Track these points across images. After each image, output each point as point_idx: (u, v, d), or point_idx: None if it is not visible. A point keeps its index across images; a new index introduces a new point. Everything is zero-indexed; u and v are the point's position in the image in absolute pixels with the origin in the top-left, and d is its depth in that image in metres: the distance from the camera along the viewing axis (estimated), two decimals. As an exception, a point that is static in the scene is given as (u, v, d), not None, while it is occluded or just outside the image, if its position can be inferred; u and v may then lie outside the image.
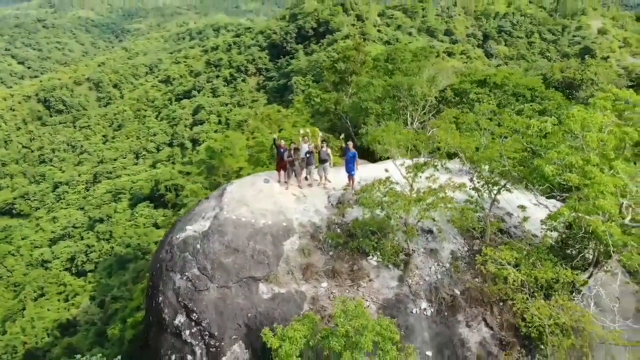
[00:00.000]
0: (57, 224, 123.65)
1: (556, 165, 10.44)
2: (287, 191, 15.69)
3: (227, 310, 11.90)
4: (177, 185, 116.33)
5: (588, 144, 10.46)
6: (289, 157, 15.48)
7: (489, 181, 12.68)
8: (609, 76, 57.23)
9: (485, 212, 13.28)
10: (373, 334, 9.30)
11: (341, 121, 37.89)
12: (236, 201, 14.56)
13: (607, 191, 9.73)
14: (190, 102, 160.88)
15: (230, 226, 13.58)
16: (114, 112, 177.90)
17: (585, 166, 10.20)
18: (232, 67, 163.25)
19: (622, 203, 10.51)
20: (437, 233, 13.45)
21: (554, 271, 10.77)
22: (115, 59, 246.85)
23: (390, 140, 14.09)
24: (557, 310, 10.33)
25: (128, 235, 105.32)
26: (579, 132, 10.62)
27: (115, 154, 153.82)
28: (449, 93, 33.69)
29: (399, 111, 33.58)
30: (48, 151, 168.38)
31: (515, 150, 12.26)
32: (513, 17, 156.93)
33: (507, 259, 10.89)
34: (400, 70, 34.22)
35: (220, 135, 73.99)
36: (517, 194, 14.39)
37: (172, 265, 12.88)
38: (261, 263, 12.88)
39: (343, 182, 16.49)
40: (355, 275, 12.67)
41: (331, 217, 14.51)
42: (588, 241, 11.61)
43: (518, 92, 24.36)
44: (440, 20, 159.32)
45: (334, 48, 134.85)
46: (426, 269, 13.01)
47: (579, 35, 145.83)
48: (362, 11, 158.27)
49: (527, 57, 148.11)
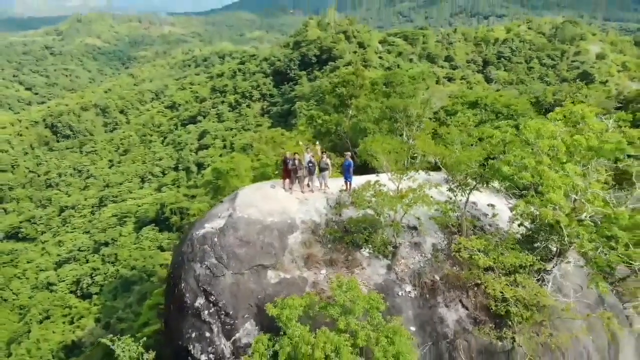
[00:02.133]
0: (62, 248, 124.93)
1: (513, 166, 12.59)
2: (291, 195, 17.96)
3: (240, 293, 13.94)
4: (182, 209, 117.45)
5: (541, 149, 12.63)
6: (293, 165, 17.76)
7: (461, 182, 14.83)
8: (599, 99, 59.66)
9: (462, 211, 15.36)
10: (364, 303, 11.29)
11: (342, 141, 40.20)
12: (247, 203, 16.76)
13: (556, 186, 11.84)
14: (195, 127, 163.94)
15: (243, 223, 15.74)
16: (120, 137, 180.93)
17: (537, 166, 12.34)
18: (237, 93, 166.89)
19: (574, 199, 12.56)
20: (420, 229, 15.58)
21: (517, 257, 12.78)
22: (122, 85, 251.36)
23: (378, 148, 16.37)
24: (517, 288, 12.26)
25: (133, 258, 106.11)
26: (533, 139, 12.80)
27: (121, 178, 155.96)
28: (442, 114, 36.07)
29: (396, 131, 35.87)
30: (54, 175, 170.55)
31: (480, 156, 14.47)
32: (512, 43, 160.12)
33: (477, 246, 12.93)
34: (396, 93, 36.72)
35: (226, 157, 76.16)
36: (491, 197, 16.44)
37: (193, 256, 14.99)
38: (269, 253, 15.01)
39: (341, 187, 18.69)
40: (350, 264, 14.76)
41: (329, 216, 16.69)
42: (549, 234, 13.59)
43: (497, 109, 26.64)
44: (440, 47, 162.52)
45: (336, 74, 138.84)
46: (410, 259, 15.07)
47: (578, 60, 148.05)
48: (363, 39, 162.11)
49: (527, 82, 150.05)
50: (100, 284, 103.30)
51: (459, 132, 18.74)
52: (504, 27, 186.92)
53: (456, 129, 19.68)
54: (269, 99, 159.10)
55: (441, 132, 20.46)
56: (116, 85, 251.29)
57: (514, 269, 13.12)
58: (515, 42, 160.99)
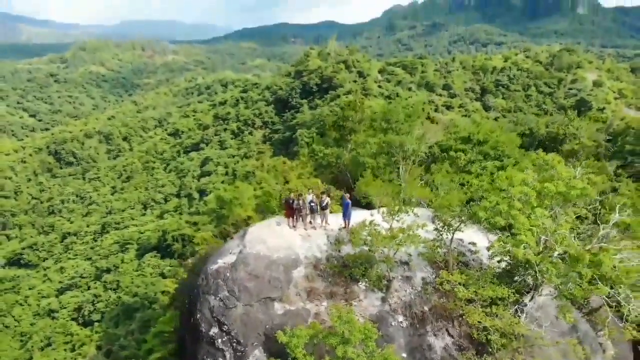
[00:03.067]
0: (64, 274, 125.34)
1: (488, 211, 14.43)
2: (295, 232, 19.79)
3: (250, 323, 15.58)
4: (184, 236, 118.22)
5: (513, 195, 14.47)
6: (296, 205, 19.68)
7: (445, 223, 16.66)
8: (590, 130, 61.98)
9: (448, 248, 17.13)
10: (360, 334, 12.93)
11: (342, 173, 42.08)
12: (256, 240, 18.56)
13: (526, 229, 13.63)
14: (198, 154, 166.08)
15: (252, 259, 17.51)
16: (123, 164, 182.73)
17: (510, 211, 14.16)
18: (240, 120, 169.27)
19: (544, 239, 14.34)
20: (411, 264, 17.32)
21: (494, 290, 14.48)
22: (125, 113, 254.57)
23: (372, 191, 18.29)
24: (495, 318, 13.89)
25: (135, 285, 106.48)
26: (506, 187, 14.67)
27: (123, 205, 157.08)
28: (436, 149, 38.14)
29: (393, 165, 37.78)
30: (57, 202, 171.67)
31: (461, 201, 16.35)
32: (510, 72, 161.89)
33: (458, 280, 14.66)
34: (393, 129, 38.79)
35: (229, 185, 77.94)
36: (477, 232, 18.23)
37: (208, 289, 16.71)
38: (276, 287, 16.73)
39: (340, 225, 20.55)
40: (348, 296, 16.44)
41: (330, 252, 18.48)
42: (525, 270, 15.29)
43: (484, 151, 28.71)
44: (439, 75, 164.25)
45: (336, 103, 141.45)
46: (402, 292, 16.75)
47: (575, 88, 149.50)
48: (363, 68, 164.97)
49: (525, 110, 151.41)
50: (101, 311, 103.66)
51: (442, 177, 20.73)
52: (502, 56, 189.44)
53: (441, 174, 21.66)
54: (271, 127, 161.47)
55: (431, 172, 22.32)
56: (119, 113, 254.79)
57: (493, 301, 14.78)
58: (512, 70, 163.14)
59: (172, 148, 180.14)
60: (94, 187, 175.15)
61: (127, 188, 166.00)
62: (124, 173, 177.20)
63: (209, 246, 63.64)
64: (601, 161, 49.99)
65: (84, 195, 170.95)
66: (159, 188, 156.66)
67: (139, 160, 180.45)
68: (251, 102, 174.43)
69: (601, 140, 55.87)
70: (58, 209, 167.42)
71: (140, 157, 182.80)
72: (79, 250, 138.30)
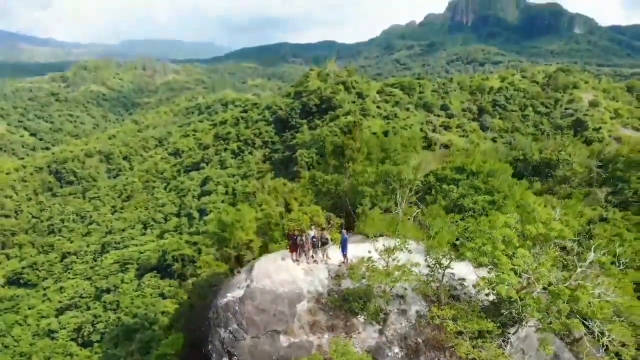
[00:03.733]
0: (64, 294, 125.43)
1: (474, 251, 15.89)
2: (299, 266, 21.25)
3: (258, 354, 16.88)
4: (184, 256, 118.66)
5: (496, 237, 15.95)
6: (300, 241, 21.18)
7: (437, 261, 18.11)
8: (582, 156, 63.84)
9: (440, 282, 18.54)
10: (358, 365, 14.27)
11: (341, 200, 43.54)
12: (262, 274, 19.97)
13: (508, 269, 15.07)
14: (198, 173, 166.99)
15: (258, 293, 18.89)
16: (124, 184, 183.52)
17: (494, 251, 15.62)
18: (240, 140, 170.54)
19: (526, 277, 15.79)
20: (406, 298, 18.69)
21: (479, 324, 15.86)
22: (126, 132, 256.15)
23: (370, 230, 19.78)
24: (481, 350, 15.22)
25: (135, 306, 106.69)
26: (489, 230, 16.18)
27: (123, 224, 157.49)
28: (432, 178, 39.74)
29: (390, 193, 39.33)
30: (57, 221, 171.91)
31: (449, 242, 17.83)
32: (507, 92, 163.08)
33: (447, 315, 16.05)
34: (390, 158, 40.53)
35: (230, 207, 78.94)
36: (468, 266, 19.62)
37: (218, 322, 18.06)
38: (281, 320, 18.07)
39: (340, 258, 22.01)
40: (348, 329, 17.77)
41: (330, 286, 19.88)
42: (510, 304, 16.66)
43: (475, 185, 30.29)
44: (436, 96, 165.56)
45: (336, 124, 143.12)
46: (398, 324, 18.08)
47: (571, 108, 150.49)
48: (362, 89, 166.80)
49: (522, 130, 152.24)
50: (101, 332, 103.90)
51: (433, 218, 22.32)
52: (499, 76, 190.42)
53: (432, 215, 23.29)
54: (271, 146, 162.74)
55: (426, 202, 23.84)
56: (120, 132, 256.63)
57: (480, 333, 16.11)
58: (509, 90, 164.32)
59: (172, 167, 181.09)
60: (94, 207, 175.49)
61: (127, 207, 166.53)
62: (124, 192, 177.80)
63: (210, 269, 64.69)
64: (592, 187, 51.77)
65: (84, 214, 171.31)
66: (159, 207, 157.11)
67: (139, 180, 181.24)
68: (251, 122, 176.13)
69: (593, 167, 57.69)
70: (58, 228, 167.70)
71: (141, 176, 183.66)
72: (78, 269, 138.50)
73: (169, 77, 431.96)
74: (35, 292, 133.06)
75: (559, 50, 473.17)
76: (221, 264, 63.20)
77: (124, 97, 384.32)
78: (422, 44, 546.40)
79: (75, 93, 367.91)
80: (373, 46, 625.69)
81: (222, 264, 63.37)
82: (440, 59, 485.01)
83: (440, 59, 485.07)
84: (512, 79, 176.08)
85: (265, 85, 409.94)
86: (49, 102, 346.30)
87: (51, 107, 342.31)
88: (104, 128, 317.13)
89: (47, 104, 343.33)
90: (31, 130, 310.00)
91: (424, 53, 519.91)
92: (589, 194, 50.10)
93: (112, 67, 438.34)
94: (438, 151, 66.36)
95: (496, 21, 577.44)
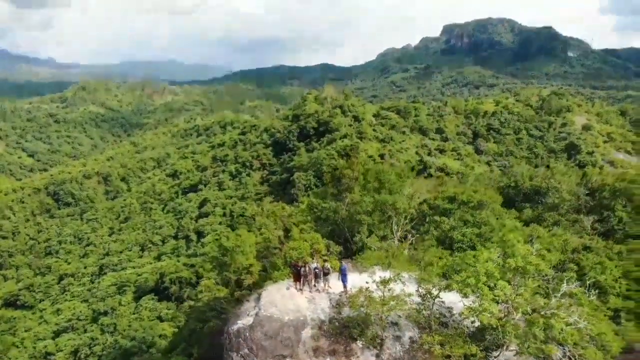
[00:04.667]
0: (61, 316, 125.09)
1: (460, 284, 17.95)
2: (302, 296, 23.25)
3: (266, 377, 18.69)
4: (182, 278, 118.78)
5: (479, 271, 18.01)
6: (303, 272, 23.23)
7: (428, 291, 20.14)
8: (570, 184, 66.17)
9: (431, 311, 20.55)
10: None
11: (339, 227, 45.54)
12: (269, 303, 21.96)
13: (489, 299, 17.08)
14: (196, 195, 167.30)
15: (266, 321, 20.82)
16: (121, 205, 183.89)
17: (477, 284, 17.66)
18: (238, 162, 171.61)
19: (505, 306, 17.81)
20: (400, 325, 20.65)
21: (463, 348, 17.82)
22: (124, 153, 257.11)
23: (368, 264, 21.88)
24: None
25: (133, 328, 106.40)
26: (473, 264, 18.28)
27: (121, 246, 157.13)
28: (426, 207, 41.96)
29: (386, 221, 41.47)
30: (55, 243, 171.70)
31: (437, 275, 19.91)
32: (501, 116, 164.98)
33: (434, 341, 18.06)
34: (385, 188, 42.71)
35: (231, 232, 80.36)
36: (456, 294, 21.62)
37: (230, 347, 19.93)
38: (287, 346, 19.98)
39: (340, 288, 24.04)
40: (348, 353, 19.68)
41: (332, 314, 21.83)
42: (493, 330, 18.59)
43: (465, 218, 32.53)
44: (431, 120, 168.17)
45: (333, 147, 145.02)
46: (393, 349, 20.00)
47: (565, 132, 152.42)
48: (358, 112, 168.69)
49: (516, 153, 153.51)
50: (98, 355, 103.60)
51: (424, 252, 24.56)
52: (493, 100, 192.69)
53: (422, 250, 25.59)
54: (269, 169, 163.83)
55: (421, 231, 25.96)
56: (118, 154, 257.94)
57: (466, 357, 17.99)
58: (504, 114, 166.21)
59: (170, 189, 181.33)
60: (91, 228, 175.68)
61: (125, 229, 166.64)
62: (122, 214, 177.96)
63: (211, 293, 65.99)
64: (580, 215, 53.92)
65: (82, 236, 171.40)
66: (157, 230, 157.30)
67: (137, 201, 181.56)
68: (250, 144, 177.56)
69: (581, 194, 59.96)
70: (55, 250, 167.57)
71: (139, 197, 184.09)
72: (75, 291, 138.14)
73: (167, 98, 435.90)
74: (32, 314, 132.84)
75: (554, 73, 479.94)
76: (222, 288, 64.70)
77: (122, 118, 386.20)
78: (418, 67, 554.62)
79: (73, 114, 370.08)
80: (369, 69, 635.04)
81: (223, 288, 64.87)
82: (435, 82, 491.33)
83: (436, 82, 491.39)
84: (506, 102, 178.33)
85: (263, 106, 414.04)
86: (47, 123, 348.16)
87: (49, 128, 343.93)
88: (102, 149, 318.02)
89: (45, 124, 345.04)
90: (29, 151, 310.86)
91: (419, 76, 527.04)
92: (576, 222, 52.26)
93: (111, 88, 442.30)
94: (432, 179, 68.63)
95: (491, 45, 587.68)
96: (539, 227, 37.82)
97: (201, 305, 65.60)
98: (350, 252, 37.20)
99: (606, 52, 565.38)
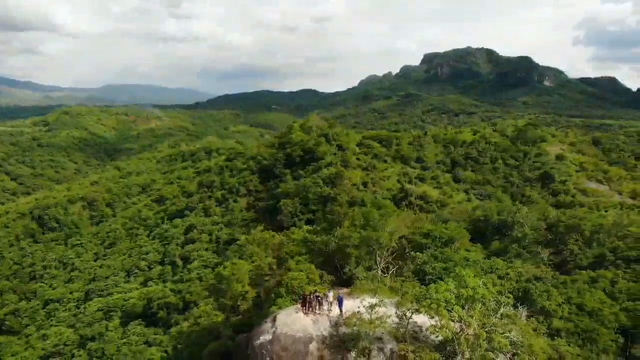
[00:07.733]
0: (47, 342, 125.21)
1: (426, 308, 24.57)
2: (308, 318, 29.73)
3: (284, 379, 24.76)
4: (169, 304, 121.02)
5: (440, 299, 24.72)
6: (309, 300, 29.87)
7: (404, 313, 26.71)
8: (532, 220, 73.58)
9: (406, 328, 27.09)
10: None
11: (330, 258, 51.76)
12: (283, 324, 28.35)
13: (447, 319, 23.73)
14: (182, 221, 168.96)
15: (282, 337, 27.13)
16: (107, 230, 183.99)
17: (439, 309, 24.29)
18: (225, 188, 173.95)
19: (459, 325, 24.44)
20: (383, 339, 27.13)
21: (431, 356, 24.33)
22: (108, 178, 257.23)
23: (359, 293, 28.56)
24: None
25: (122, 353, 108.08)
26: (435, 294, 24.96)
27: (107, 271, 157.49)
28: (405, 241, 48.69)
29: (371, 254, 47.92)
30: (39, 268, 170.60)
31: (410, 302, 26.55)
32: (479, 145, 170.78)
33: (408, 349, 24.53)
34: (370, 225, 49.24)
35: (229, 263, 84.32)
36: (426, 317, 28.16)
37: (255, 356, 26.05)
38: (299, 356, 26.18)
39: (337, 312, 30.55)
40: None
41: (332, 332, 28.22)
42: (451, 342, 25.09)
43: (435, 255, 39.56)
44: (412, 149, 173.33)
45: (318, 175, 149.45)
46: (378, 358, 26.35)
47: (539, 161, 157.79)
48: (342, 141, 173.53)
49: (493, 182, 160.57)
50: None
51: (402, 283, 31.32)
52: (471, 129, 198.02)
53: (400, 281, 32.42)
54: (255, 195, 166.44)
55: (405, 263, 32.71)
56: (102, 178, 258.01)
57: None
58: (481, 144, 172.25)
59: (156, 215, 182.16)
60: (76, 253, 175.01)
61: (111, 254, 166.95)
62: (107, 239, 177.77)
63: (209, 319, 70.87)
64: (540, 247, 61.18)
65: (67, 261, 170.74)
66: (143, 255, 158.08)
67: (122, 227, 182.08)
68: (236, 171, 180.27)
69: (542, 229, 67.43)
70: (40, 275, 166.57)
71: (124, 223, 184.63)
72: (62, 317, 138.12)
73: (151, 123, 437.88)
74: (17, 340, 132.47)
75: (532, 102, 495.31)
76: (219, 314, 69.89)
77: (106, 143, 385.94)
78: (399, 94, 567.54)
79: (57, 138, 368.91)
80: (351, 95, 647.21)
81: (220, 314, 70.03)
82: (416, 109, 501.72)
83: (417, 109, 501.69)
84: (484, 132, 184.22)
85: (248, 131, 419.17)
86: (30, 147, 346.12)
87: (33, 152, 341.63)
88: (85, 173, 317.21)
89: (28, 148, 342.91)
90: (12, 175, 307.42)
91: (400, 103, 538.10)
92: (537, 253, 59.42)
93: (95, 112, 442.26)
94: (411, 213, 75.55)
95: (470, 74, 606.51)
96: (498, 260, 44.67)
97: (199, 329, 69.98)
98: (341, 280, 43.22)
99: (582, 81, 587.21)
